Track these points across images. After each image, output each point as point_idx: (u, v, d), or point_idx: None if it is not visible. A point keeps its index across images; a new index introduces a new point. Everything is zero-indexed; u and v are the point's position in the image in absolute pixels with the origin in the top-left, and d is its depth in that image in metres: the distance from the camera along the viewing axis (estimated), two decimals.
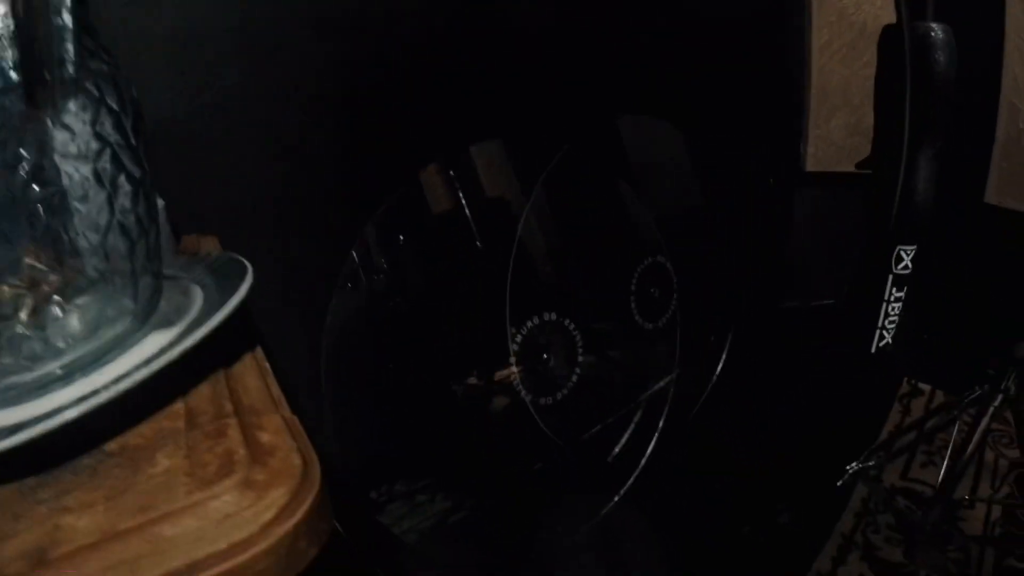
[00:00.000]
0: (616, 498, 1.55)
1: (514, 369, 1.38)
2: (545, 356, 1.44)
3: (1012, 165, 1.62)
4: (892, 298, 1.06)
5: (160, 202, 0.95)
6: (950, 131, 0.94)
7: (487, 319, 1.41)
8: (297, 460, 0.37)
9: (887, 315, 1.07)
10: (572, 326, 1.44)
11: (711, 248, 1.80)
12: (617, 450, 1.59)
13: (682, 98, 1.70)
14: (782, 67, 1.88)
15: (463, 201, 1.44)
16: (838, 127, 1.94)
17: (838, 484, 1.58)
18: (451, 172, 1.43)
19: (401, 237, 1.38)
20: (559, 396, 1.45)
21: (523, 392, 1.38)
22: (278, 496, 0.34)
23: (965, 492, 1.61)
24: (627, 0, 1.57)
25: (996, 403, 1.41)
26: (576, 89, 1.52)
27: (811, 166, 1.97)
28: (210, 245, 0.88)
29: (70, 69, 0.45)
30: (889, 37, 1.01)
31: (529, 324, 1.38)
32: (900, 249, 1.01)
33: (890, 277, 1.03)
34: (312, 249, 1.30)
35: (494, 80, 1.42)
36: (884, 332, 1.10)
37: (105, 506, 0.37)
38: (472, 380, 1.52)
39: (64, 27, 0.44)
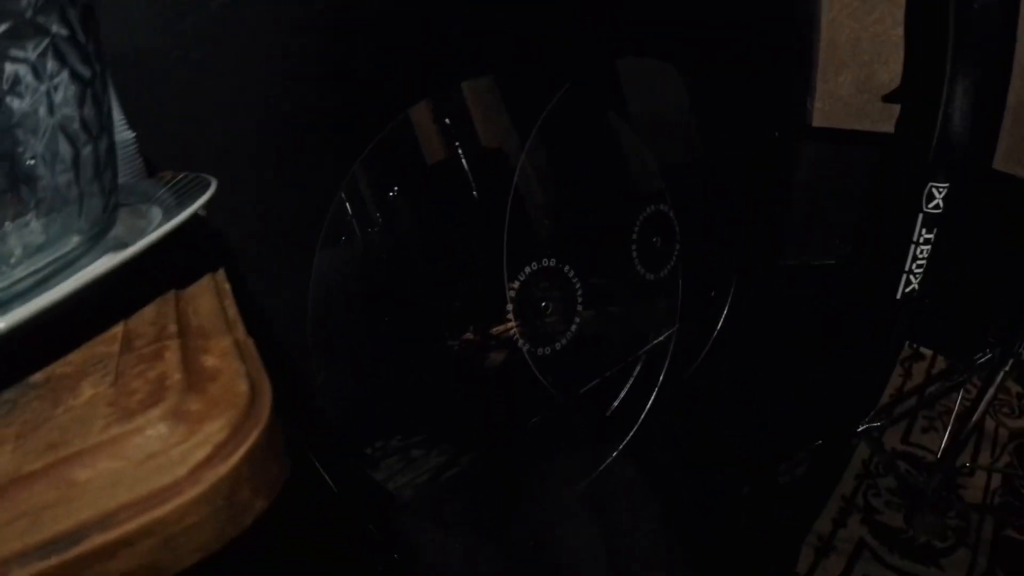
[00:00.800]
0: (614, 454, 1.52)
1: (512, 321, 1.34)
2: (543, 304, 1.39)
3: (1022, 131, 1.58)
4: (921, 240, 1.00)
5: (130, 134, 0.89)
6: (991, 62, 0.88)
7: (484, 270, 1.37)
8: (243, 386, 0.30)
9: (915, 258, 1.01)
10: (571, 273, 1.40)
11: (714, 199, 1.75)
12: (615, 405, 1.56)
13: (688, 43, 1.65)
14: (791, 17, 1.83)
15: (457, 145, 1.38)
16: (846, 83, 1.88)
17: (841, 444, 1.55)
18: (446, 120, 1.37)
19: (393, 186, 1.32)
20: (557, 347, 1.41)
21: (521, 342, 1.34)
22: (214, 430, 0.27)
23: (966, 460, 1.60)
24: None
25: (1006, 367, 1.37)
26: (576, 26, 1.46)
27: (817, 121, 1.92)
28: None
29: None
30: None
31: (527, 270, 1.33)
32: (933, 186, 0.94)
33: (920, 216, 0.97)
34: (297, 192, 1.24)
35: (489, 11, 1.36)
36: (911, 277, 1.04)
37: (14, 445, 0.30)
38: (468, 335, 1.49)
39: None
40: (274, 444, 0.28)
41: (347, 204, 1.25)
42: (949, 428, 1.50)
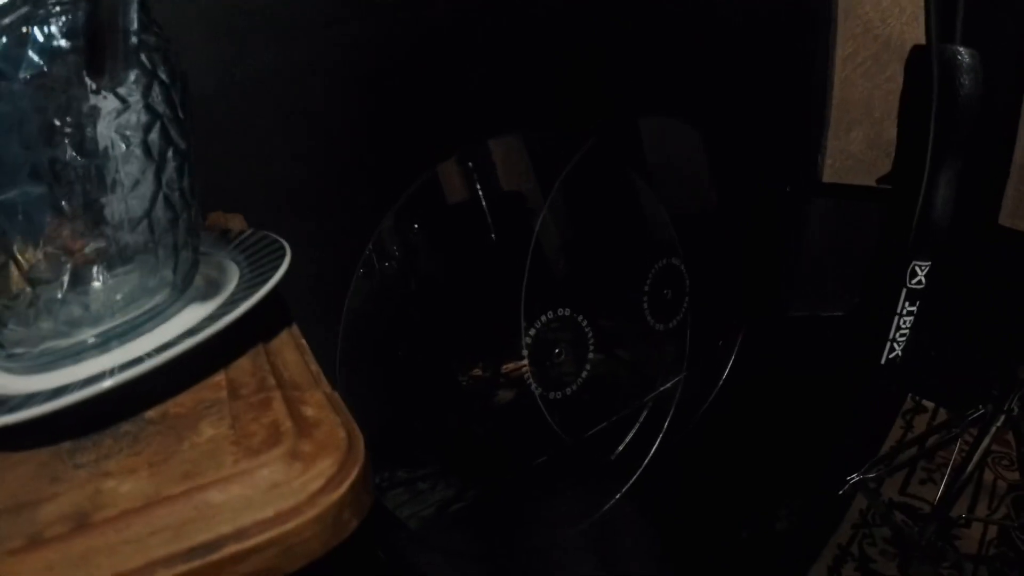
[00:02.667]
0: (617, 496, 1.55)
1: (525, 362, 1.39)
2: (556, 351, 1.44)
3: None
4: (904, 312, 1.07)
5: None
6: (971, 153, 0.95)
7: (499, 311, 1.42)
8: (342, 433, 0.38)
9: (898, 328, 1.08)
10: (585, 322, 1.45)
11: (724, 252, 1.80)
12: (620, 448, 1.60)
13: (704, 101, 1.70)
14: (805, 77, 1.88)
15: (480, 193, 1.44)
16: (857, 140, 1.94)
17: (839, 493, 1.58)
18: (469, 164, 1.43)
19: (416, 225, 1.38)
20: (568, 392, 1.45)
21: (533, 386, 1.39)
22: (325, 467, 0.35)
23: (962, 511, 1.61)
24: (654, 1, 1.58)
25: (998, 423, 1.41)
26: (599, 87, 1.53)
27: (828, 177, 1.97)
28: (236, 223, 0.89)
29: (132, 39, 0.46)
30: (917, 58, 1.02)
31: (542, 318, 1.39)
32: (915, 264, 1.01)
33: (903, 291, 1.04)
34: (334, 232, 1.31)
35: (517, 74, 1.43)
36: (894, 345, 1.11)
37: (149, 472, 0.38)
38: (477, 371, 1.53)
39: None
40: (366, 478, 0.36)
41: (371, 243, 1.31)
42: (945, 479, 1.51)
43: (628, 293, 1.57)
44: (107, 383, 0.41)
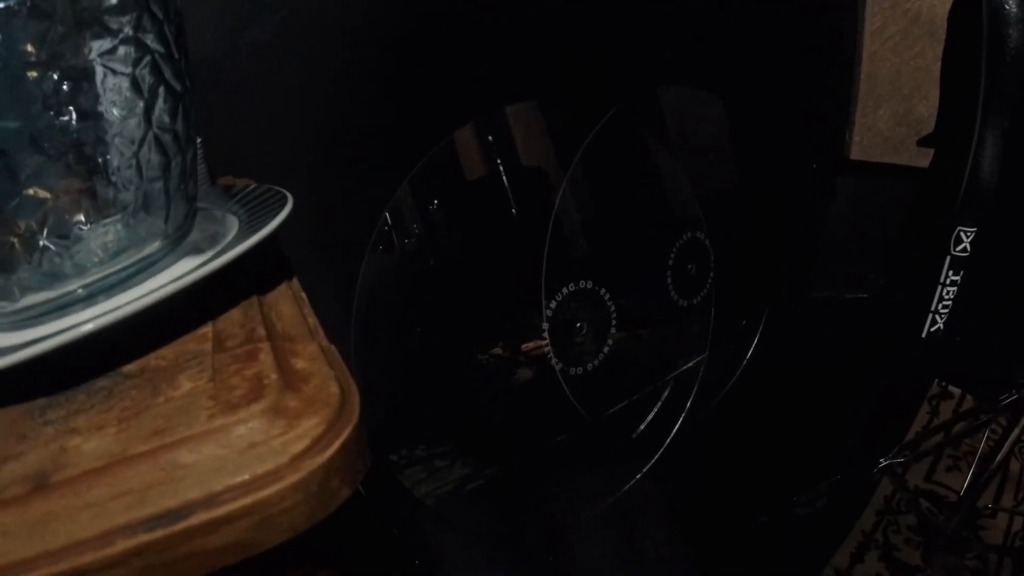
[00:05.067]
0: (638, 476, 1.53)
1: (544, 342, 1.36)
2: (578, 325, 1.41)
3: None
4: (948, 281, 1.02)
5: (196, 139, 0.93)
6: (1019, 111, 0.90)
7: (519, 287, 1.39)
8: (334, 388, 0.33)
9: (941, 299, 1.04)
10: (607, 296, 1.42)
11: (749, 229, 1.77)
12: (642, 427, 1.57)
13: (729, 73, 1.66)
14: (833, 51, 1.84)
15: (500, 166, 1.41)
16: (885, 117, 1.89)
17: (868, 477, 1.55)
18: (488, 138, 1.40)
19: (435, 201, 1.36)
20: (589, 368, 1.43)
21: (554, 361, 1.36)
22: (311, 426, 0.31)
23: (988, 501, 1.59)
24: None
25: None
26: (620, 53, 1.49)
27: (855, 154, 1.93)
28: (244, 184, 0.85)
29: None
30: (961, 8, 0.97)
31: (563, 292, 1.36)
32: (960, 230, 0.97)
33: (948, 259, 0.99)
34: (349, 201, 1.28)
35: (536, 40, 1.39)
36: (937, 317, 1.06)
37: (117, 428, 0.33)
38: (497, 350, 1.51)
39: None
40: (360, 440, 0.32)
41: (387, 216, 1.29)
42: (972, 468, 1.49)
43: (651, 268, 1.53)
44: (81, 330, 0.37)
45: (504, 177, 1.42)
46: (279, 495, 0.29)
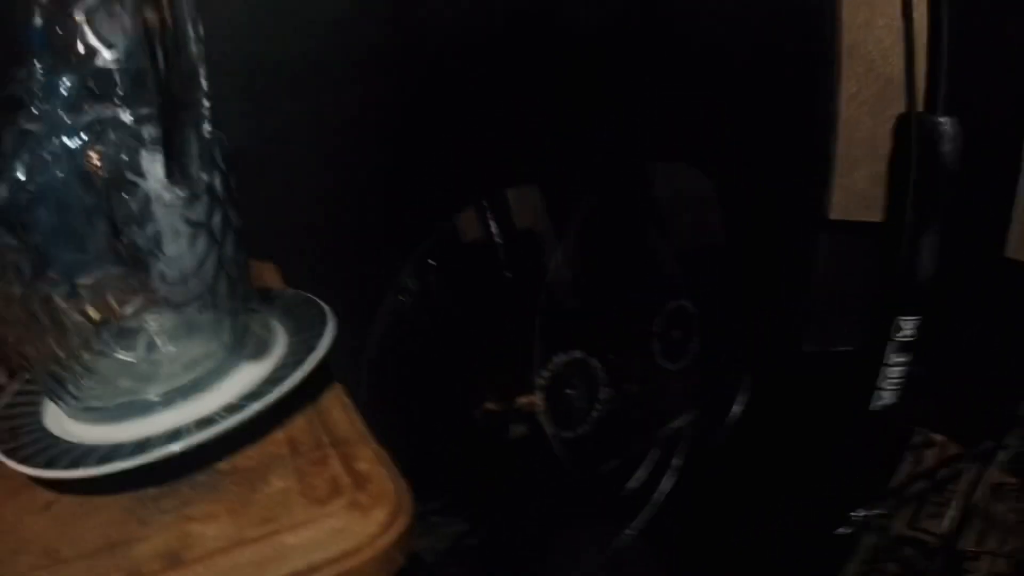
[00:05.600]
0: (628, 531, 1.59)
1: (536, 399, 1.43)
2: (568, 392, 1.48)
3: None
4: (892, 363, 1.10)
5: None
6: (952, 216, 0.99)
7: (512, 348, 1.47)
8: (391, 486, 0.45)
9: (887, 377, 1.11)
10: (596, 363, 1.49)
11: (733, 291, 1.84)
12: (633, 486, 1.63)
13: (713, 145, 1.75)
14: (810, 117, 1.93)
15: (494, 234, 1.50)
16: (862, 177, 1.96)
17: (844, 531, 1.61)
18: (484, 203, 1.49)
19: (432, 262, 1.44)
20: (579, 431, 1.50)
21: (546, 426, 1.43)
22: (380, 515, 0.43)
23: (972, 544, 1.62)
24: (660, 47, 1.64)
25: (999, 458, 1.43)
26: (610, 137, 1.60)
27: (835, 214, 2.01)
28: (269, 271, 0.96)
29: (205, 133, 0.53)
30: (900, 125, 1.05)
31: (555, 359, 1.43)
32: (900, 320, 1.05)
33: (888, 344, 1.07)
34: (359, 277, 1.38)
35: (532, 124, 1.50)
36: (882, 393, 1.13)
37: (229, 518, 0.45)
38: (490, 405, 1.56)
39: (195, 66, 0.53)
40: (413, 523, 0.43)
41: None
42: (951, 513, 1.54)
43: (638, 334, 1.61)
44: (193, 439, 0.49)
45: (500, 246, 1.50)
46: (360, 565, 0.41)
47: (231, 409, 0.52)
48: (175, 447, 0.48)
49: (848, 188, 1.99)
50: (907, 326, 1.07)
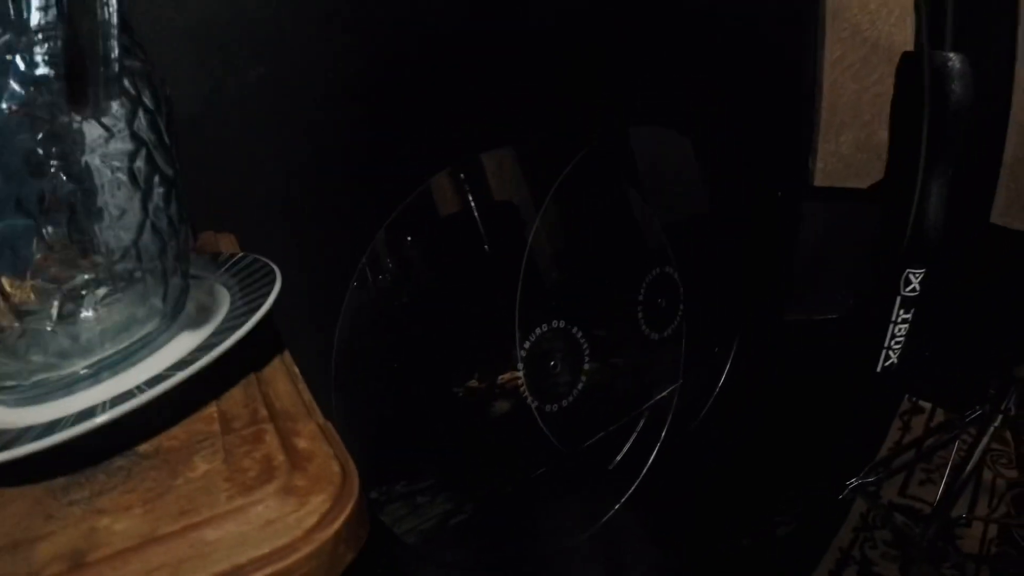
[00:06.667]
0: (616, 506, 1.56)
1: (520, 374, 1.39)
2: (552, 363, 1.44)
3: (1019, 185, 1.63)
4: (899, 319, 1.07)
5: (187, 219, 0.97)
6: (961, 158, 0.96)
7: (493, 323, 1.42)
8: (336, 467, 0.38)
9: (893, 336, 1.09)
10: (579, 333, 1.45)
11: (717, 259, 1.81)
12: (619, 458, 1.60)
13: (693, 109, 1.71)
14: (794, 80, 1.89)
15: (472, 204, 1.45)
16: (847, 143, 1.94)
17: (837, 498, 1.59)
18: (461, 175, 1.43)
19: (409, 238, 1.39)
20: (564, 404, 1.46)
21: (529, 398, 1.39)
22: (319, 503, 0.35)
23: (963, 510, 1.61)
24: (640, 11, 1.58)
25: (996, 423, 1.42)
26: (589, 99, 1.53)
27: (819, 181, 1.97)
28: (227, 243, 0.89)
29: (114, 67, 0.45)
30: (907, 65, 1.02)
31: (537, 331, 1.39)
32: (909, 272, 1.02)
33: (898, 299, 1.04)
34: (326, 248, 1.31)
35: (507, 87, 1.43)
36: (890, 352, 1.11)
37: (143, 509, 0.37)
38: (473, 383, 1.53)
39: (108, 22, 0.44)
40: (361, 511, 0.36)
41: (364, 259, 1.31)
42: (944, 479, 1.52)
43: (622, 303, 1.57)
44: (100, 418, 0.41)
45: (478, 217, 1.45)
46: (296, 564, 0.33)
47: (153, 381, 0.44)
48: (81, 427, 0.40)
49: (833, 154, 1.95)
50: (916, 279, 1.02)
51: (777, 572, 1.58)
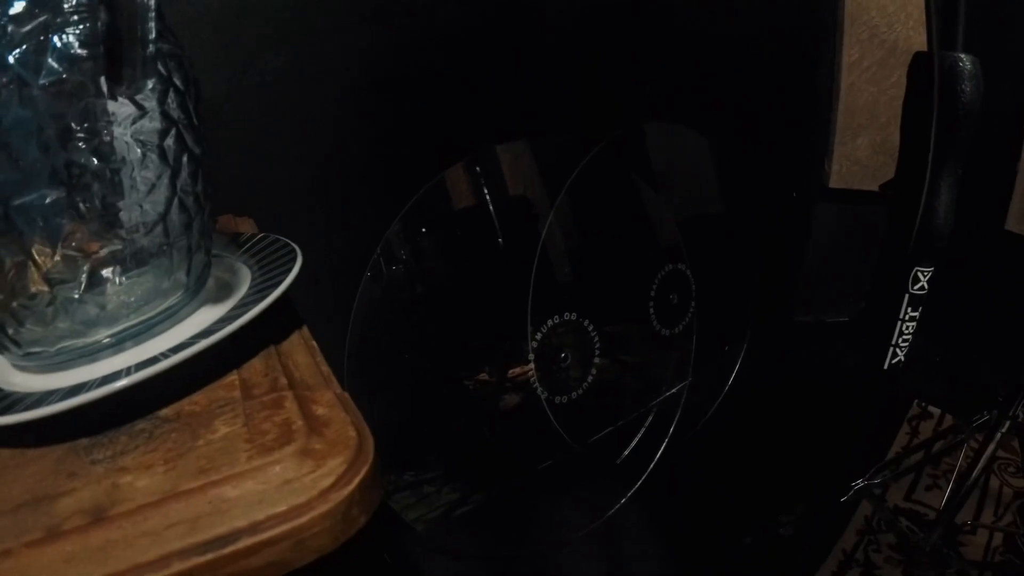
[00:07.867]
0: (622, 500, 1.56)
1: (531, 366, 1.40)
2: (562, 355, 1.45)
3: None
4: (907, 317, 1.07)
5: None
6: (971, 158, 0.96)
7: (505, 315, 1.43)
8: (352, 432, 0.39)
9: (901, 334, 1.09)
10: (591, 327, 1.46)
11: (730, 258, 1.81)
12: (626, 453, 1.61)
13: (711, 107, 1.71)
14: (812, 82, 1.89)
15: (487, 198, 1.46)
16: (863, 145, 1.94)
17: (842, 500, 1.59)
18: (477, 168, 1.44)
19: (423, 229, 1.40)
20: (573, 396, 1.46)
21: (539, 390, 1.40)
22: (335, 465, 0.37)
23: (968, 517, 1.61)
24: (661, 9, 1.59)
25: (1003, 429, 1.41)
26: (606, 95, 1.54)
27: (834, 183, 1.97)
28: (246, 226, 0.90)
29: (150, 48, 0.47)
30: (918, 65, 1.02)
31: (548, 323, 1.40)
32: (917, 270, 1.02)
33: (906, 296, 1.05)
34: (341, 238, 1.32)
35: (524, 80, 1.44)
36: (897, 350, 1.11)
37: (164, 468, 0.39)
38: (484, 376, 1.54)
39: (147, 5, 0.46)
40: (375, 476, 0.37)
41: (378, 250, 1.33)
42: (950, 485, 1.52)
43: (634, 298, 1.57)
44: (122, 381, 0.43)
45: (492, 211, 1.46)
46: (311, 523, 0.35)
47: (176, 349, 0.45)
48: (105, 389, 0.42)
49: (848, 156, 1.95)
50: (924, 277, 1.02)
51: (779, 572, 1.58)
